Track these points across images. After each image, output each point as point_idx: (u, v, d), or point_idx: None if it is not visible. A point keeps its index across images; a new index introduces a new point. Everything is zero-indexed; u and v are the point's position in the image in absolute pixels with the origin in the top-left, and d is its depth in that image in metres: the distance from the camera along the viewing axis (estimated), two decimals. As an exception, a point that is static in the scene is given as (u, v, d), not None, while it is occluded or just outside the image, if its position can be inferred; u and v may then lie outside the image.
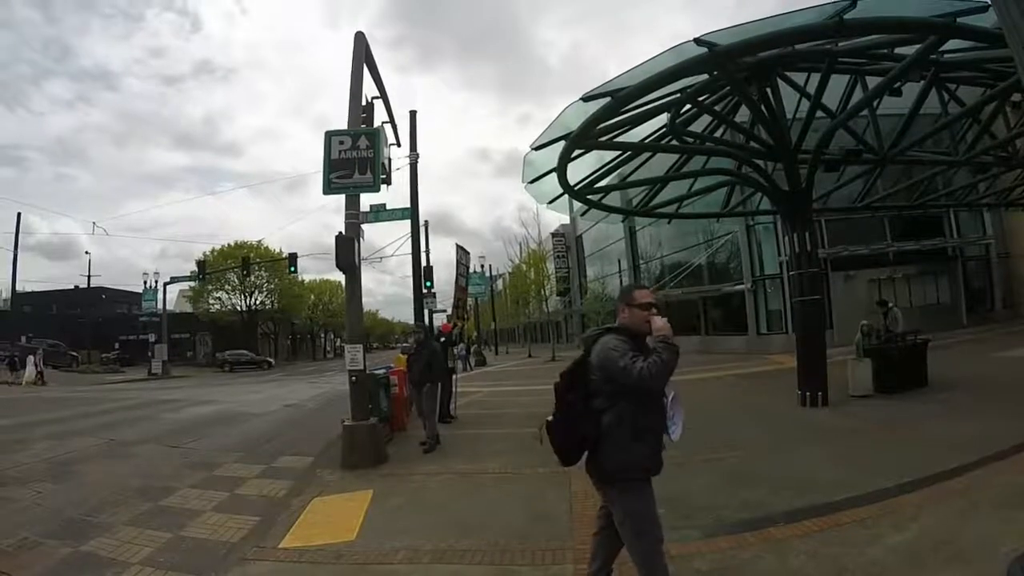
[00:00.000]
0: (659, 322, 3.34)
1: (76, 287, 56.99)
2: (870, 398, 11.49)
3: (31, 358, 32.83)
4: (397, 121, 13.33)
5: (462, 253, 15.89)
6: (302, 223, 77.81)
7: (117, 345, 50.47)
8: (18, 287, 38.26)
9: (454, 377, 13.19)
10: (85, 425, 14.25)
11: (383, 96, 11.83)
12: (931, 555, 4.38)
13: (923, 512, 5.20)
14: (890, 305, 14.55)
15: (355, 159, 9.51)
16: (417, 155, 16.09)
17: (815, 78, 11.11)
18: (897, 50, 10.46)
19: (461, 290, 15.89)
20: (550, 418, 3.49)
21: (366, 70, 10.62)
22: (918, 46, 9.40)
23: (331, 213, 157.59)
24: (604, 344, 3.36)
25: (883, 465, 6.74)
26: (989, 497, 5.43)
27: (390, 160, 11.54)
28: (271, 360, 55.16)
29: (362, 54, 10.44)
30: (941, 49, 9.75)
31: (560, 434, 3.50)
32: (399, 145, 14.14)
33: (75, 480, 8.56)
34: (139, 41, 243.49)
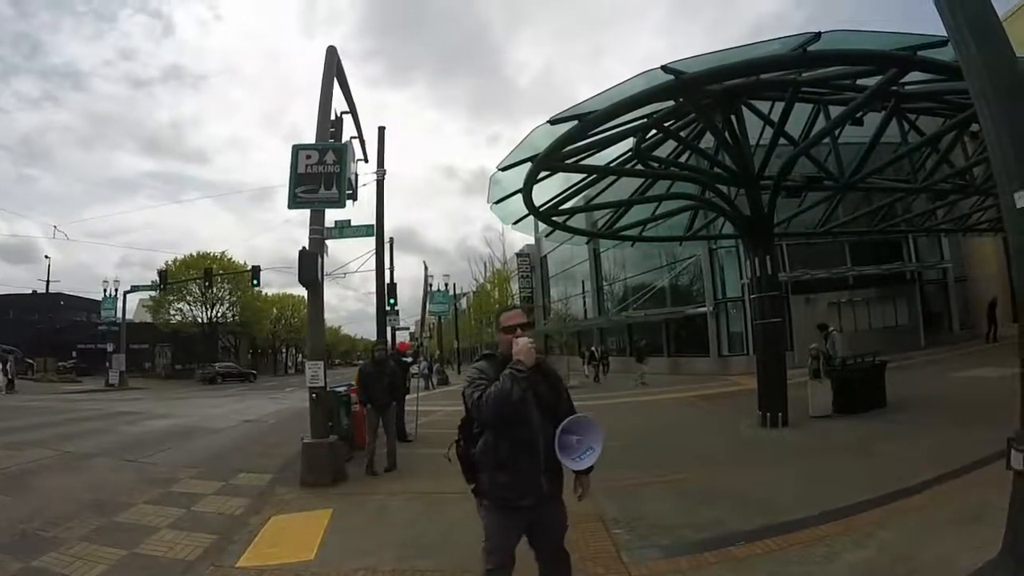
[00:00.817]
0: (519, 344, 3.26)
1: (34, 292, 55.74)
2: (830, 418, 11.67)
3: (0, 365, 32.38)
4: (365, 137, 13.31)
5: (426, 271, 15.92)
6: (266, 236, 77.14)
7: (75, 354, 49.62)
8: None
9: (411, 396, 13.04)
10: (40, 436, 13.99)
11: (352, 111, 11.82)
12: (890, 571, 4.48)
13: (882, 529, 5.30)
14: (830, 329, 14.70)
15: (321, 174, 9.47)
16: (384, 172, 16.05)
17: (779, 106, 11.31)
18: (859, 81, 10.68)
19: (423, 308, 15.92)
20: (456, 438, 3.51)
21: (336, 85, 10.63)
22: (879, 77, 9.62)
23: (296, 227, 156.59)
24: (468, 371, 3.45)
25: (842, 483, 6.87)
26: (947, 513, 5.54)
27: (357, 176, 11.49)
28: (255, 373, 55.70)
29: (333, 68, 10.44)
30: (902, 81, 10.04)
31: (462, 454, 3.52)
32: (367, 161, 14.10)
33: (28, 493, 8.43)
34: (110, 42, 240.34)
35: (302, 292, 12.07)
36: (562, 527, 3.61)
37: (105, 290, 42.63)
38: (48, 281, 50.19)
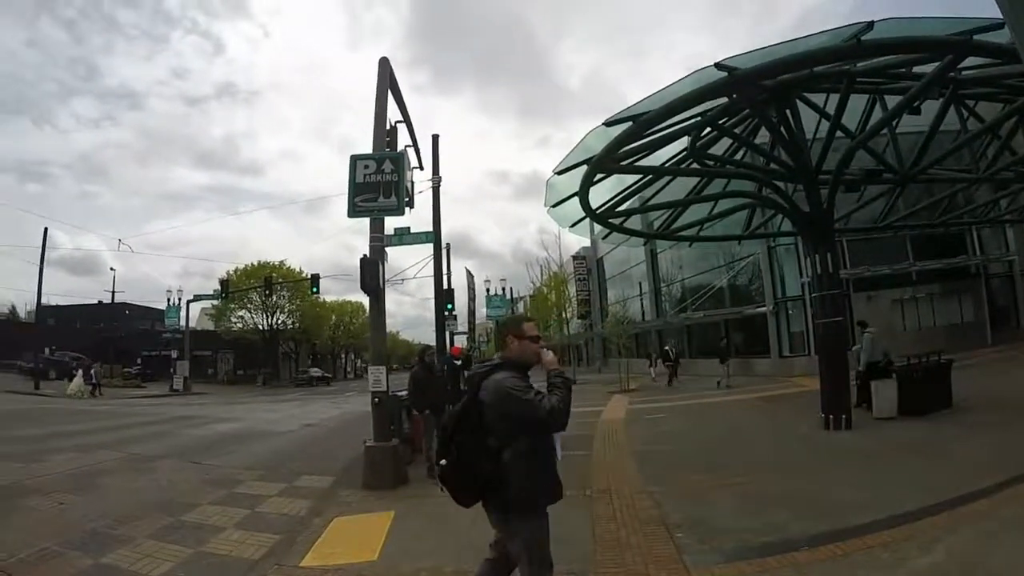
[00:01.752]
0: (549, 355, 3.43)
1: (100, 302, 57.64)
2: (894, 420, 11.38)
3: (81, 371, 33.97)
4: (419, 144, 13.43)
5: (470, 278, 16.00)
6: (322, 244, 78.69)
7: (139, 360, 50.83)
8: (43, 300, 38.64)
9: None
10: (107, 439, 14.37)
11: (406, 120, 11.93)
12: (958, 578, 4.33)
13: (949, 534, 5.16)
14: (867, 329, 14.07)
15: (379, 183, 9.61)
16: (439, 178, 16.17)
17: (834, 98, 11.10)
18: (915, 69, 10.44)
19: (472, 314, 15.99)
20: (443, 462, 3.33)
21: (390, 95, 10.73)
22: (936, 64, 9.40)
23: (351, 235, 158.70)
24: (500, 382, 3.27)
25: (908, 487, 6.71)
26: (1017, 517, 5.39)
27: (413, 183, 11.62)
28: (331, 376, 61.35)
29: (386, 79, 10.55)
30: (959, 66, 9.73)
31: (457, 477, 3.33)
32: (422, 168, 14.24)
33: (96, 493, 8.64)
34: (163, 62, 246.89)
35: (360, 298, 12.32)
36: None
37: (169, 299, 43.88)
38: (113, 292, 51.92)
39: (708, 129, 11.58)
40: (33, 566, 5.46)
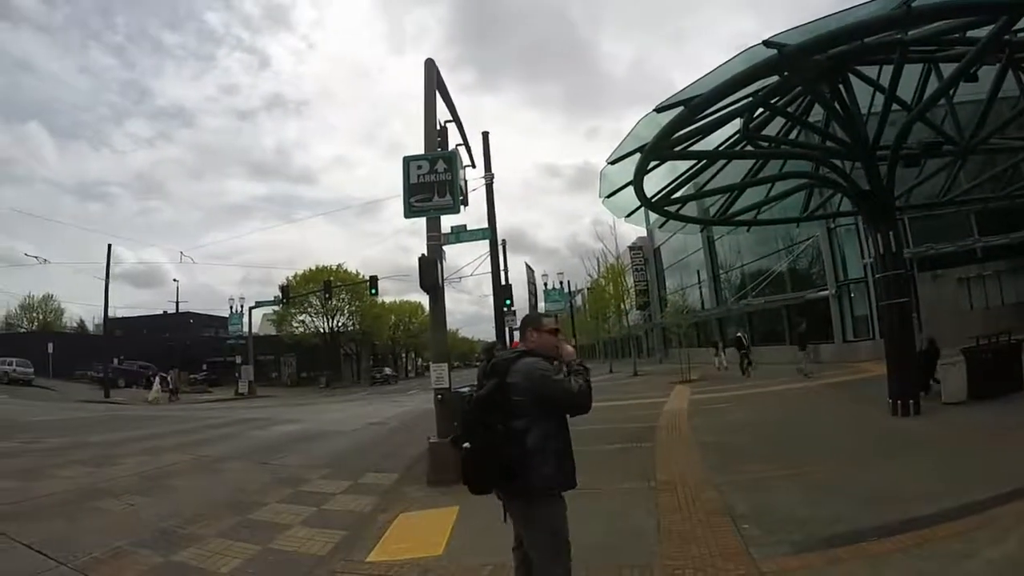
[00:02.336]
0: (568, 348, 3.60)
1: (165, 312, 59.54)
2: (964, 404, 11.06)
3: (158, 377, 36.43)
4: (469, 142, 13.48)
5: (530, 272, 15.99)
6: (377, 246, 79.85)
7: (205, 367, 52.09)
8: (109, 313, 39.92)
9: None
10: (175, 442, 14.71)
11: (456, 119, 11.98)
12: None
13: (1023, 523, 4.97)
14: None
15: (434, 182, 9.69)
16: (492, 175, 16.25)
17: (887, 71, 10.82)
18: (969, 33, 10.07)
19: (532, 308, 15.97)
20: (466, 445, 3.33)
21: (438, 95, 10.79)
22: (990, 27, 9.04)
23: (406, 236, 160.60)
24: (532, 365, 3.35)
25: (979, 475, 6.50)
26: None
27: (466, 181, 11.69)
28: (397, 375, 67.17)
29: (433, 80, 10.61)
30: (1015, 28, 9.37)
31: (482, 460, 3.32)
32: (474, 166, 14.31)
33: (166, 493, 8.86)
34: (211, 79, 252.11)
35: (418, 298, 12.40)
36: None
37: (231, 307, 45.25)
38: (177, 301, 53.42)
39: (760, 110, 11.40)
40: (106, 564, 5.59)
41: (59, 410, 25.90)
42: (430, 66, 10.62)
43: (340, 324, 59.39)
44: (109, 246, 39.03)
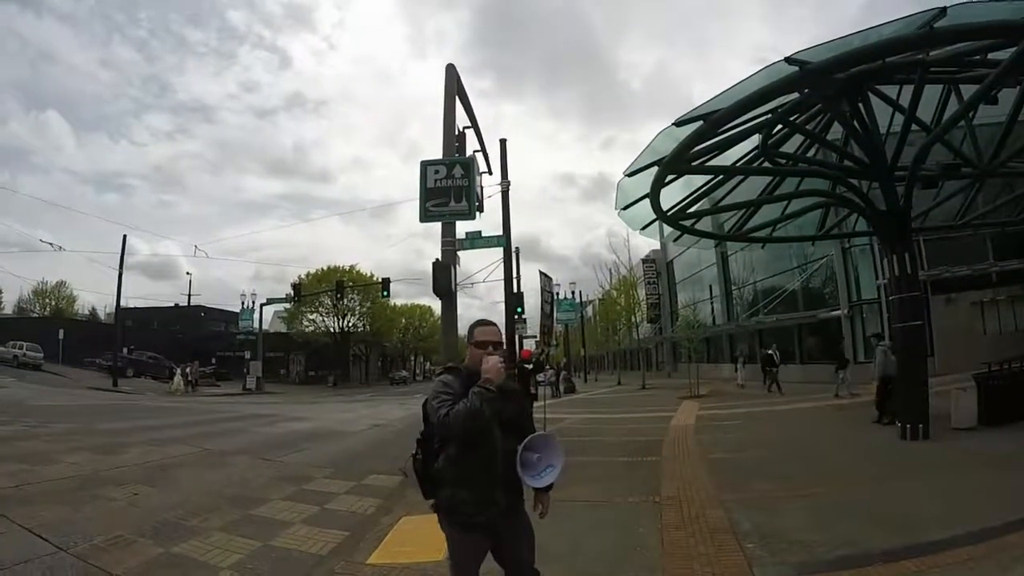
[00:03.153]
0: (489, 362, 3.16)
1: (176, 305, 60.17)
2: (974, 431, 10.93)
3: (180, 369, 37.06)
4: (487, 148, 13.51)
5: (545, 280, 15.94)
6: (391, 249, 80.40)
7: (214, 361, 52.35)
8: (121, 303, 40.19)
9: (535, 404, 12.95)
10: (181, 434, 14.73)
11: (474, 125, 12.00)
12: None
13: (1031, 552, 4.90)
14: (880, 342, 14.24)
15: (450, 187, 9.72)
16: (509, 183, 16.23)
17: (906, 91, 10.77)
18: (991, 55, 10.02)
19: (546, 316, 15.92)
20: (414, 452, 3.35)
21: (457, 100, 10.82)
22: (1012, 49, 8.98)
23: (420, 239, 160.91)
24: (435, 384, 3.25)
25: (988, 502, 6.42)
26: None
27: (482, 188, 11.71)
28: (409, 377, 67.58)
29: (453, 84, 10.64)
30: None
31: (419, 469, 3.33)
32: (491, 173, 14.33)
33: (170, 485, 8.85)
34: (232, 76, 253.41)
35: (429, 302, 12.39)
36: (527, 543, 3.49)
37: (243, 303, 45.56)
38: (189, 295, 53.96)
39: (779, 126, 11.36)
40: (106, 552, 5.59)
41: (67, 396, 26.04)
42: (450, 71, 10.64)
43: (351, 324, 59.64)
44: (124, 236, 39.32)
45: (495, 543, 3.33)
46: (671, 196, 13.65)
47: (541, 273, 15.31)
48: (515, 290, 21.12)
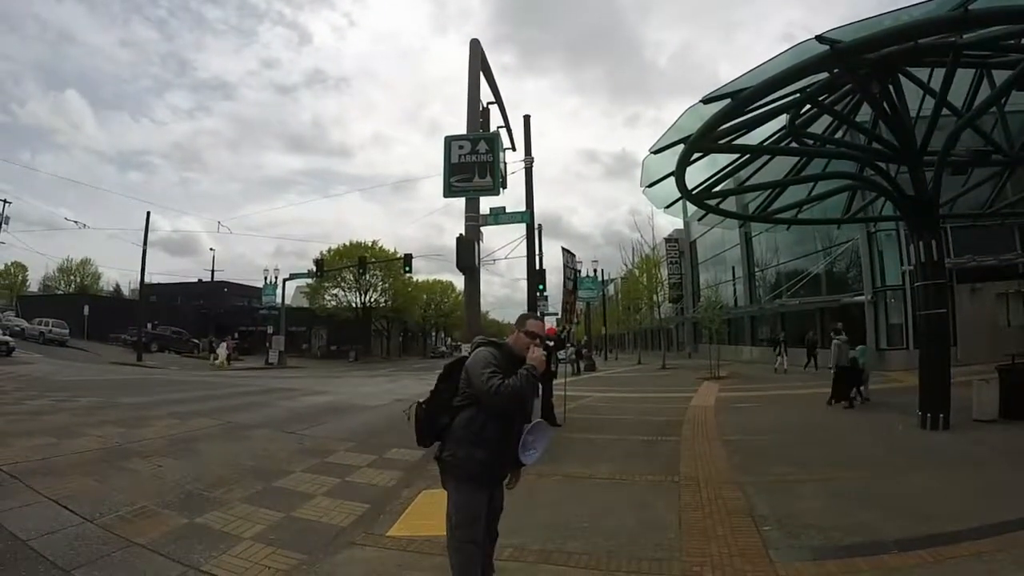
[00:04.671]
0: (535, 353, 3.63)
1: (200, 280, 60.79)
2: (995, 423, 10.83)
3: (223, 344, 38.82)
4: (511, 125, 13.44)
5: (568, 256, 15.86)
6: (412, 225, 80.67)
7: (236, 335, 52.94)
8: (145, 278, 40.63)
9: (553, 382, 12.93)
10: (204, 407, 14.94)
11: (498, 101, 11.94)
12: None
13: (1048, 549, 4.87)
14: (837, 336, 14.88)
15: (475, 163, 9.70)
16: (532, 159, 16.15)
17: (938, 74, 10.59)
18: (1024, 40, 9.83)
19: (569, 293, 15.85)
20: (421, 400, 3.79)
21: (482, 76, 10.76)
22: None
23: (441, 215, 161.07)
24: (477, 353, 3.65)
25: (1005, 495, 6.38)
26: None
27: (506, 164, 11.66)
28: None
29: (478, 60, 10.58)
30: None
31: (423, 416, 3.78)
32: (514, 149, 14.26)
33: (193, 457, 8.99)
34: (252, 53, 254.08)
35: (450, 277, 12.42)
36: (501, 508, 4.04)
37: (266, 278, 46.00)
38: (213, 270, 54.54)
39: (808, 106, 11.23)
40: (130, 523, 5.69)
41: (92, 371, 26.41)
42: (475, 46, 10.58)
43: (372, 300, 59.90)
44: (148, 213, 39.89)
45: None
46: (696, 175, 13.52)
47: (564, 250, 15.26)
48: (537, 267, 21.09)
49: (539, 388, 3.95)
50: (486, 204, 10.48)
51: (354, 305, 58.82)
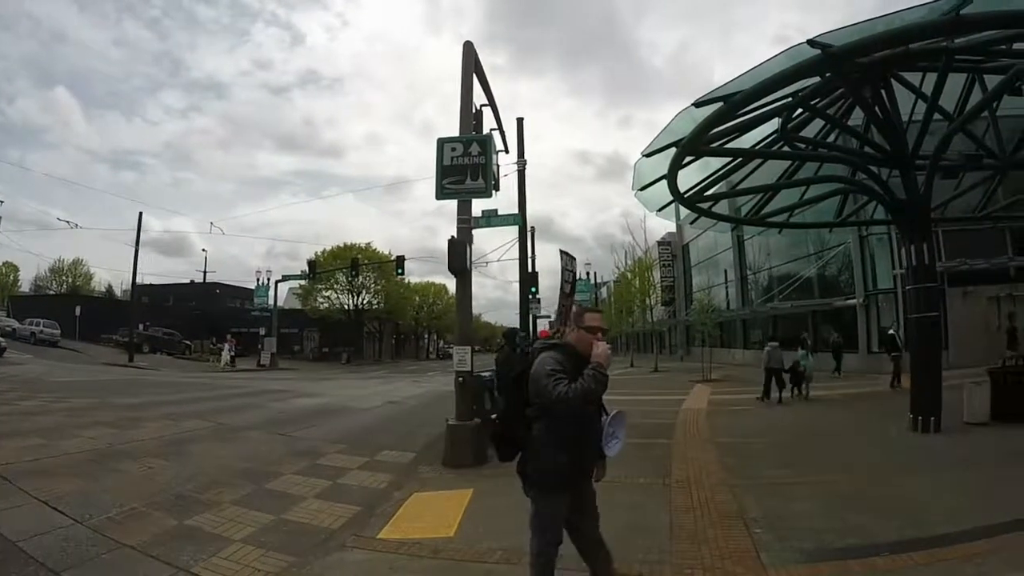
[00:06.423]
0: (599, 348, 3.51)
1: (192, 281, 60.75)
2: (987, 426, 10.83)
3: (225, 346, 39.42)
4: (504, 127, 13.43)
5: (567, 259, 15.87)
6: (405, 227, 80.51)
7: (229, 336, 52.91)
8: (137, 279, 40.52)
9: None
10: (196, 409, 14.93)
11: (491, 103, 11.93)
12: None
13: (1039, 551, 4.88)
14: (769, 342, 16.04)
15: (467, 165, 9.70)
16: (525, 162, 16.19)
17: (930, 78, 10.64)
18: (1016, 45, 9.90)
19: (566, 296, 15.87)
20: (494, 416, 3.70)
21: (475, 78, 10.75)
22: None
23: (433, 217, 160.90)
24: (541, 360, 3.55)
25: (997, 498, 6.36)
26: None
27: (498, 166, 11.67)
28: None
29: (471, 62, 10.57)
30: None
31: (499, 433, 3.82)
32: (507, 152, 14.28)
33: (184, 459, 8.98)
34: (245, 53, 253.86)
35: (443, 280, 12.41)
36: (597, 513, 3.94)
37: (258, 279, 45.79)
38: (205, 271, 54.43)
39: (800, 110, 11.25)
40: (121, 524, 5.68)
41: (83, 372, 26.39)
42: (468, 49, 10.59)
43: (365, 302, 59.78)
44: (140, 214, 40.04)
45: (571, 508, 3.71)
46: (688, 178, 13.54)
47: (563, 252, 15.37)
48: (530, 270, 21.11)
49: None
50: (478, 206, 10.47)
51: (347, 307, 58.73)
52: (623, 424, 3.84)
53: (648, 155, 13.49)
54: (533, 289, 21.68)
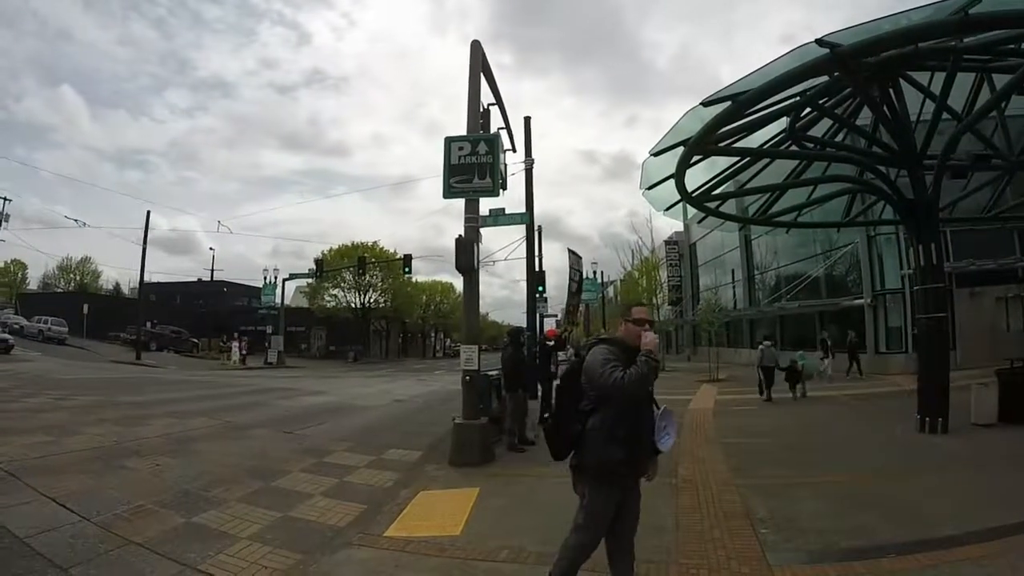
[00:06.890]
0: (648, 337, 3.64)
1: (199, 279, 60.91)
2: (994, 427, 10.78)
3: (236, 345, 39.74)
4: (511, 126, 13.42)
5: (574, 258, 15.81)
6: (413, 224, 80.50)
7: (236, 334, 53.07)
8: (144, 277, 40.63)
9: (553, 383, 12.98)
10: (203, 407, 14.97)
11: (498, 102, 11.90)
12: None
13: (1046, 553, 4.86)
14: (762, 343, 16.71)
15: (474, 164, 9.68)
16: (532, 160, 16.16)
17: (939, 78, 10.60)
18: (1024, 44, 9.84)
19: (573, 295, 15.81)
20: (546, 416, 3.72)
21: (482, 77, 10.74)
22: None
23: (440, 216, 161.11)
24: (593, 352, 3.66)
25: (1004, 500, 6.33)
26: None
27: (506, 165, 11.65)
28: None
29: (479, 62, 10.55)
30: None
31: (553, 430, 3.86)
32: (515, 151, 14.24)
33: (192, 456, 9.00)
34: (251, 53, 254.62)
35: (450, 278, 12.39)
36: (637, 518, 3.94)
37: (265, 278, 45.94)
38: (212, 270, 54.67)
39: (808, 110, 11.23)
40: (128, 521, 5.71)
41: (91, 369, 26.46)
42: (476, 48, 10.57)
43: (372, 300, 59.71)
44: (148, 212, 39.99)
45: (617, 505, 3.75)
46: (696, 177, 13.52)
47: (570, 251, 15.38)
48: (537, 268, 21.05)
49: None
50: (485, 205, 10.45)
51: (353, 305, 58.67)
52: (672, 419, 3.89)
53: (656, 154, 13.49)
54: (540, 288, 21.62)
